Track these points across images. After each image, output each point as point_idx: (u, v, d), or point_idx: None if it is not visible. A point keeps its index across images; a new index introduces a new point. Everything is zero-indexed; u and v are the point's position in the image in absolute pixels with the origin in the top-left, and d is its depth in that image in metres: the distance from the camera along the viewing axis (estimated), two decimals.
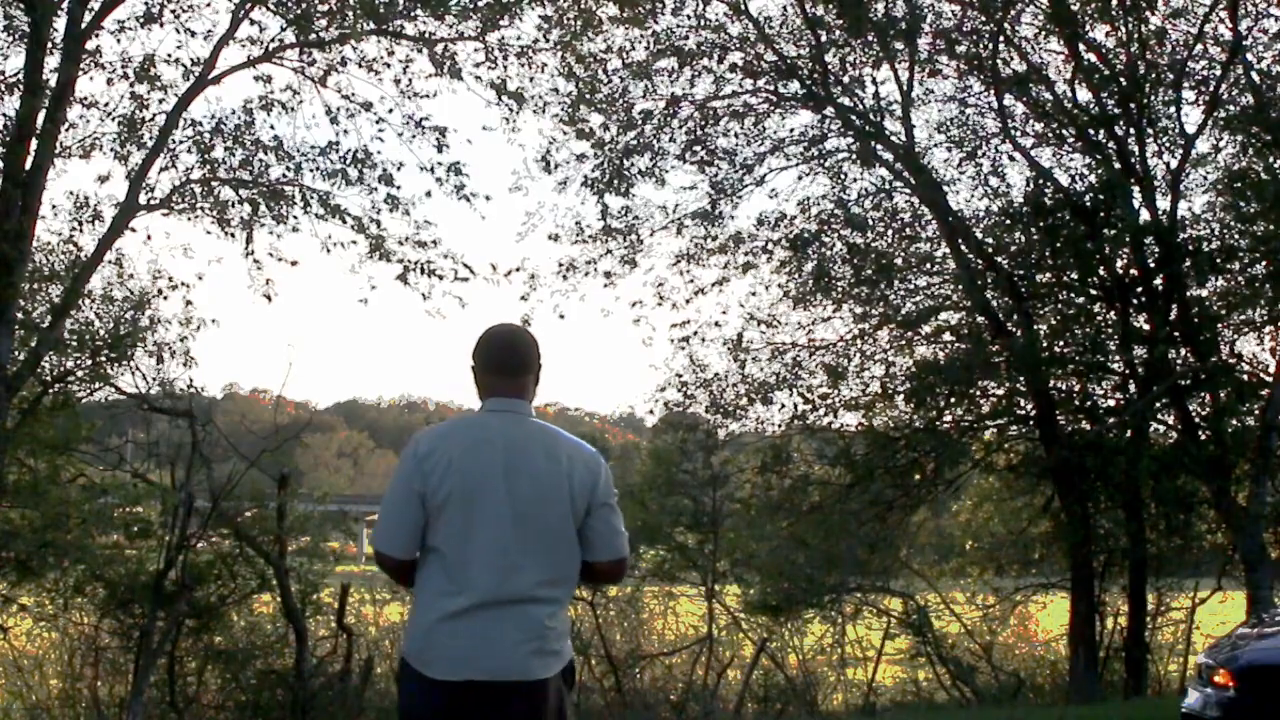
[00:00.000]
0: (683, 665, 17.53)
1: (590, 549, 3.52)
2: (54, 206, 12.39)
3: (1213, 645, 8.06)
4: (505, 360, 3.60)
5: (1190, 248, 14.16)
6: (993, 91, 15.21)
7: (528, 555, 3.41)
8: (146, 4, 11.62)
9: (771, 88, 15.54)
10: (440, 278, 12.43)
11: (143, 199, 11.79)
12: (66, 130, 11.57)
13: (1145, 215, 14.62)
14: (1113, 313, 14.84)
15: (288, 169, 12.36)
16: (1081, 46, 14.71)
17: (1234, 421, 14.26)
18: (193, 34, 12.12)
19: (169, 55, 11.96)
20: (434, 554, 3.44)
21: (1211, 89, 14.58)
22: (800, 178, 16.14)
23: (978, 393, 15.47)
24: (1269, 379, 14.14)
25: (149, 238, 13.02)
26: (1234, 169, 14.64)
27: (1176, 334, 14.17)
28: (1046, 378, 14.66)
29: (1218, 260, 14.02)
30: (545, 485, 3.44)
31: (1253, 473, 13.77)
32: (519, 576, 3.39)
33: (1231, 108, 14.62)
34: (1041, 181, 14.78)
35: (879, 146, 15.36)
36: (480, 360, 3.63)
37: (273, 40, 12.03)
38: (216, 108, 21.67)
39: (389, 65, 12.32)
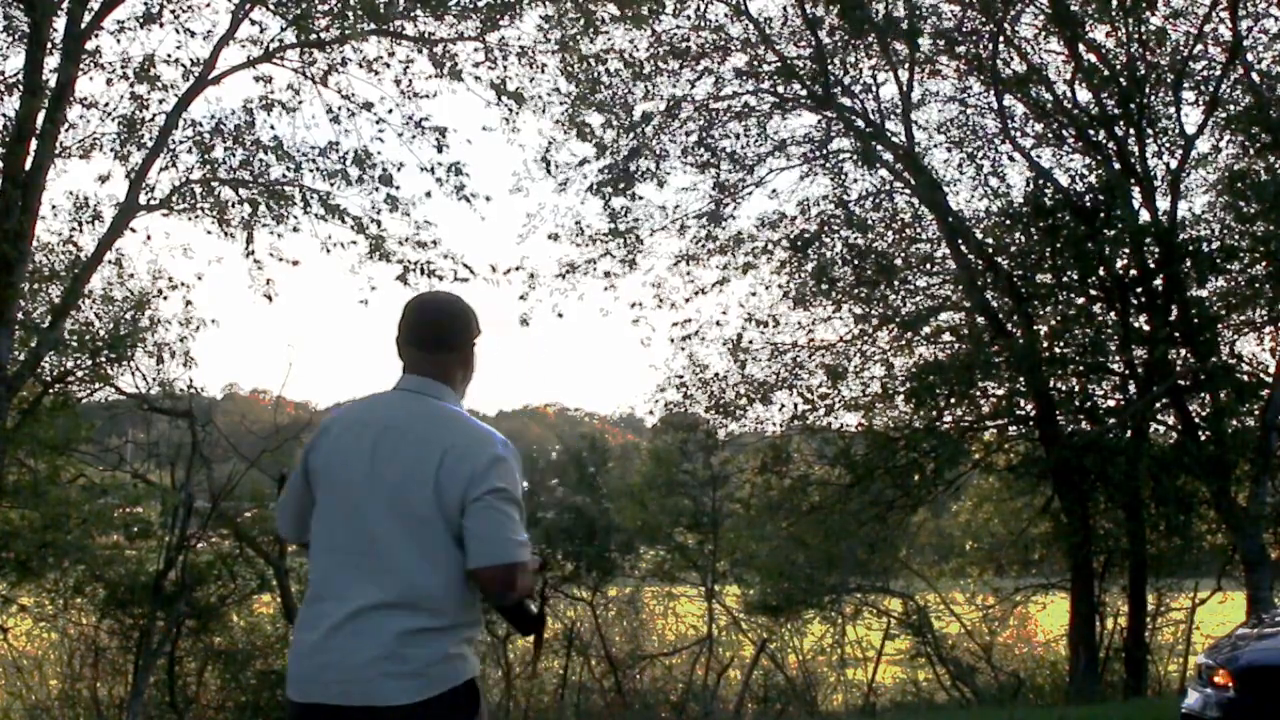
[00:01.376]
0: (682, 665, 17.55)
1: (467, 553, 2.91)
2: (54, 206, 12.42)
3: (1212, 646, 8.06)
4: (423, 334, 3.14)
5: (1190, 248, 14.16)
6: (993, 92, 15.21)
7: (388, 556, 2.91)
8: (146, 4, 11.63)
9: (772, 89, 15.55)
10: (440, 278, 12.43)
11: (143, 199, 11.79)
12: (66, 130, 11.57)
13: (1145, 215, 14.63)
14: (1113, 313, 14.84)
15: (288, 169, 12.37)
16: (1081, 47, 14.71)
17: (1234, 422, 14.25)
18: (192, 34, 12.13)
19: (169, 55, 11.97)
20: (310, 547, 3.10)
21: (1211, 89, 14.58)
22: (801, 178, 16.17)
23: (978, 393, 15.46)
24: (1269, 379, 14.14)
25: (149, 238, 13.04)
26: (1234, 169, 14.63)
27: (1176, 334, 14.17)
28: (1046, 378, 14.65)
29: (1218, 260, 14.02)
30: (411, 476, 2.93)
31: (1253, 473, 13.78)
32: (374, 580, 2.89)
33: (1232, 108, 14.62)
34: (1041, 182, 14.78)
35: (879, 147, 15.36)
36: (400, 331, 3.18)
37: (273, 40, 12.03)
38: (216, 108, 21.74)
39: (389, 65, 12.33)
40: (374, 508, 2.93)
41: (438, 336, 3.14)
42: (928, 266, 16.05)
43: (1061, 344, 14.78)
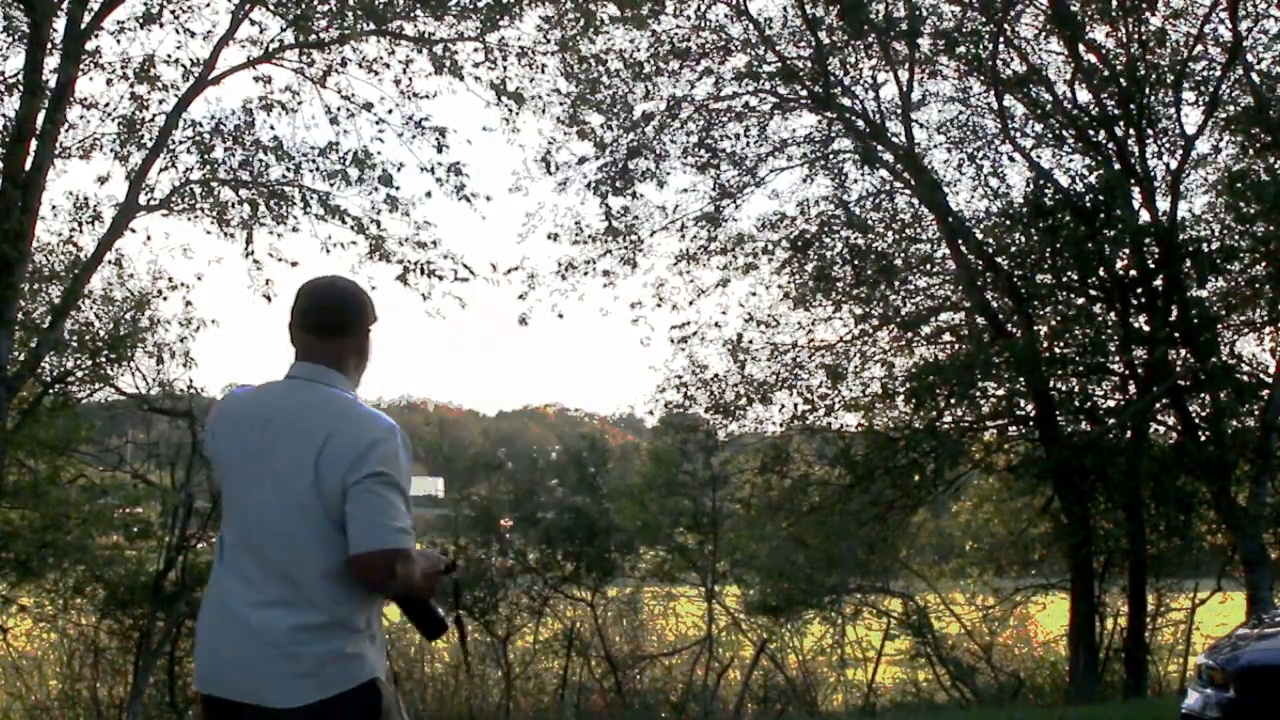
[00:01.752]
0: (682, 666, 17.55)
1: (347, 539, 2.81)
2: (54, 207, 12.41)
3: (1212, 646, 8.05)
4: (317, 318, 3.03)
5: (1190, 248, 14.16)
6: (993, 92, 15.21)
7: (275, 549, 2.83)
8: (146, 4, 11.62)
9: (772, 89, 15.55)
10: (440, 278, 12.42)
11: (142, 199, 11.79)
12: (66, 130, 11.57)
13: (1145, 216, 14.64)
14: (1113, 313, 14.83)
15: (287, 169, 12.36)
16: (1081, 47, 14.71)
17: (1234, 422, 14.26)
18: (192, 34, 12.12)
19: (169, 56, 11.97)
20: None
21: (1211, 90, 14.57)
22: (802, 179, 16.17)
23: (978, 393, 15.45)
24: (1269, 380, 14.14)
25: (149, 238, 13.03)
26: (1234, 170, 14.64)
27: (1176, 334, 14.17)
28: (1046, 378, 14.66)
29: (1218, 261, 14.01)
30: (294, 465, 2.84)
31: (1252, 473, 13.78)
32: (264, 574, 2.83)
33: (1231, 108, 14.62)
34: (1041, 182, 14.78)
35: (879, 147, 15.37)
36: (293, 316, 3.07)
37: (272, 41, 12.03)
38: (216, 108, 21.70)
39: (389, 66, 12.32)
40: (262, 499, 2.86)
41: (331, 321, 3.03)
42: (928, 266, 16.06)
43: (1061, 344, 14.77)
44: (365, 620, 2.88)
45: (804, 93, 15.40)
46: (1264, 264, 14.17)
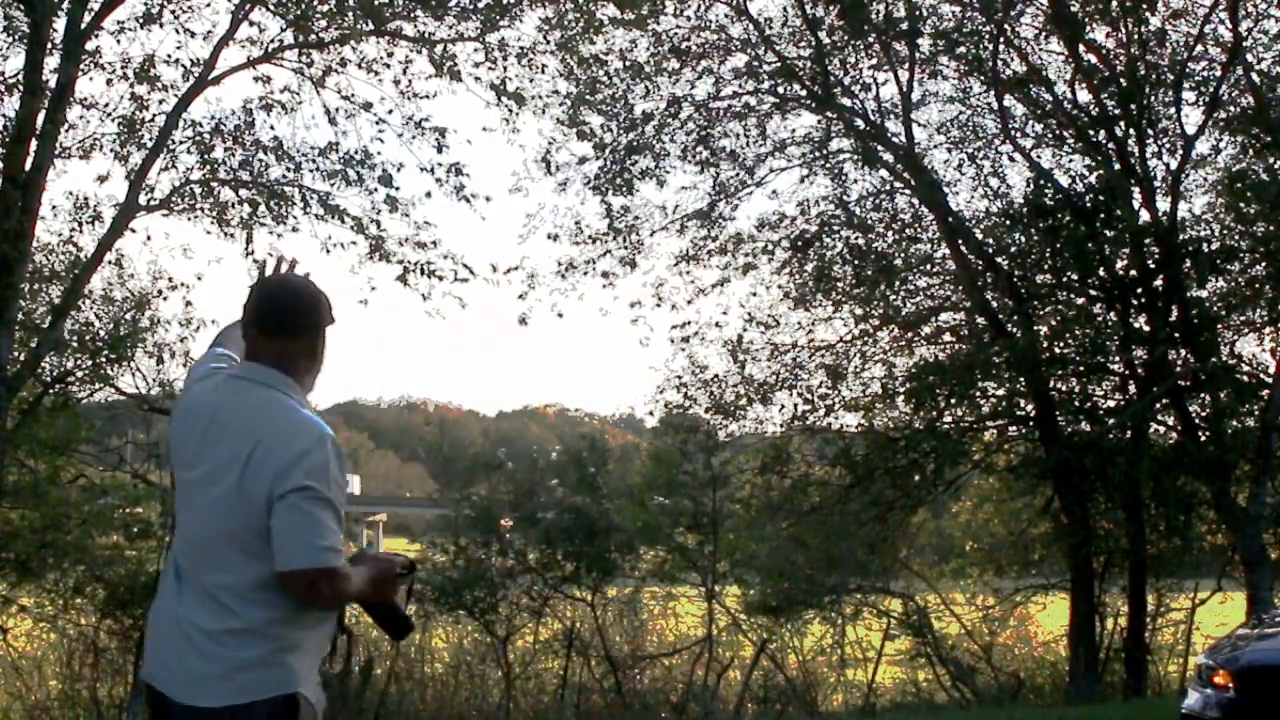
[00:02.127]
0: (682, 666, 17.54)
1: (275, 555, 2.77)
2: (54, 207, 12.43)
3: (1212, 646, 8.06)
4: (268, 317, 2.96)
5: (1190, 248, 14.16)
6: (993, 92, 15.21)
7: (205, 552, 2.82)
8: (146, 4, 11.63)
9: (772, 89, 15.55)
10: (440, 278, 12.44)
11: (142, 199, 11.80)
12: (66, 131, 11.58)
13: (1145, 216, 14.63)
14: (1113, 313, 14.84)
15: (287, 169, 12.39)
16: (1081, 47, 14.71)
17: (1234, 422, 14.26)
18: (192, 35, 12.15)
19: (169, 56, 11.99)
20: None
21: (1211, 90, 14.58)
22: (802, 179, 16.17)
23: (978, 393, 15.46)
24: (1269, 380, 14.14)
25: (149, 238, 13.04)
26: (1234, 170, 14.64)
27: (1176, 335, 14.17)
28: (1046, 378, 14.66)
29: (1218, 261, 14.02)
30: (224, 469, 2.81)
31: (1253, 473, 13.77)
32: (194, 574, 2.83)
33: (1231, 109, 14.62)
34: (1041, 182, 14.78)
35: (879, 147, 15.37)
36: (245, 313, 3.02)
37: (272, 41, 12.04)
38: (216, 108, 21.71)
39: (388, 66, 12.34)
40: (196, 500, 2.86)
41: (282, 320, 2.95)
42: (928, 266, 16.06)
43: (1061, 344, 14.78)
44: (293, 631, 2.81)
45: (804, 92, 15.40)
46: (1264, 264, 14.16)
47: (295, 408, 2.90)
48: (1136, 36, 14.64)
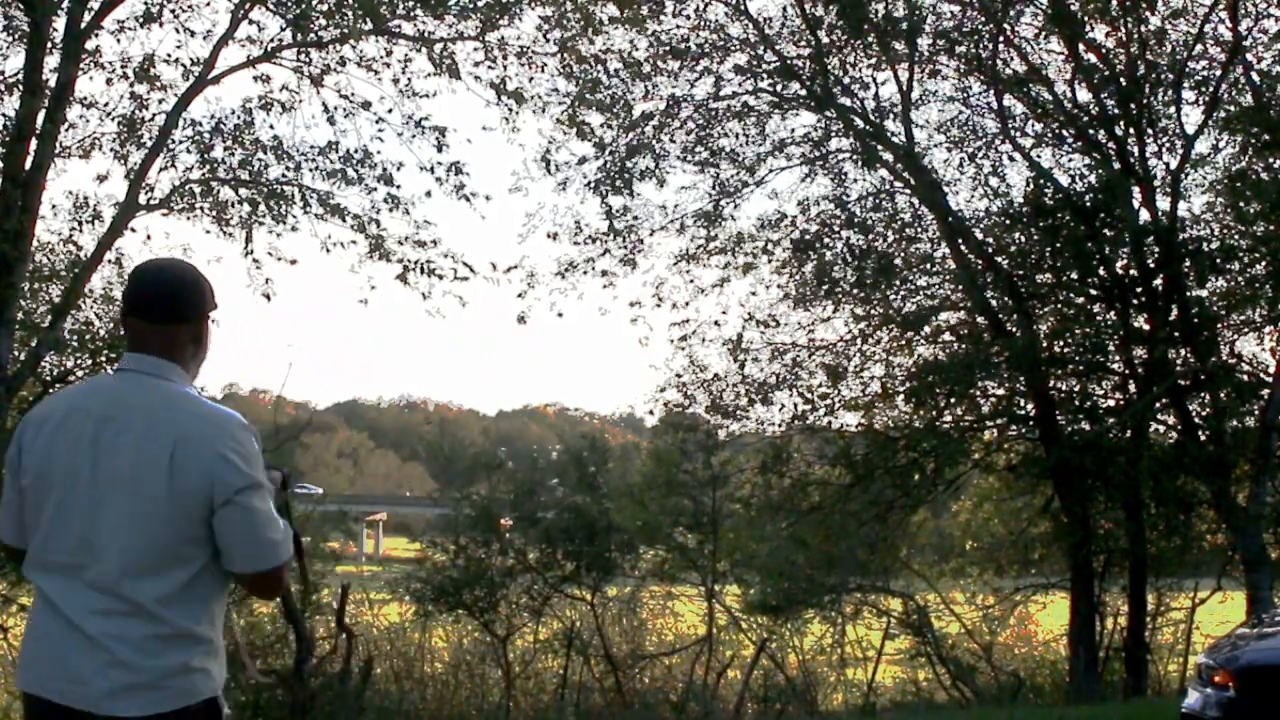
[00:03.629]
0: (682, 665, 17.54)
1: (226, 557, 2.73)
2: (54, 206, 12.42)
3: (1212, 645, 8.06)
4: (151, 302, 2.80)
5: (1190, 248, 14.16)
6: (992, 92, 15.21)
7: (116, 560, 2.66)
8: (146, 4, 11.63)
9: (772, 88, 15.55)
10: (440, 277, 12.44)
11: (142, 199, 11.79)
12: (66, 130, 11.58)
13: (1145, 215, 14.64)
14: (1113, 313, 14.84)
15: (287, 169, 12.38)
16: (1081, 47, 14.71)
17: (1234, 422, 14.26)
18: (192, 34, 12.14)
19: (169, 55, 11.98)
20: (31, 547, 2.81)
21: (1211, 89, 14.58)
22: (802, 179, 16.18)
23: (978, 393, 15.47)
24: (1269, 379, 14.14)
25: (149, 238, 13.02)
26: (1234, 169, 14.64)
27: (1176, 334, 14.17)
28: (1046, 378, 14.66)
29: (1218, 260, 14.02)
30: (138, 472, 2.67)
31: (1253, 473, 13.78)
32: (103, 585, 2.66)
33: (1231, 108, 14.62)
34: (1041, 182, 14.79)
35: (879, 147, 15.36)
36: (125, 301, 2.85)
37: (272, 40, 12.04)
38: (216, 108, 21.69)
39: (388, 65, 12.34)
40: (100, 509, 2.68)
41: (167, 306, 2.80)
42: (928, 266, 16.06)
43: (1061, 344, 14.78)
44: (209, 632, 2.76)
45: (803, 92, 15.40)
46: (1264, 263, 14.16)
47: (199, 399, 2.81)
48: (1136, 36, 14.64)
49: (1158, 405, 14.58)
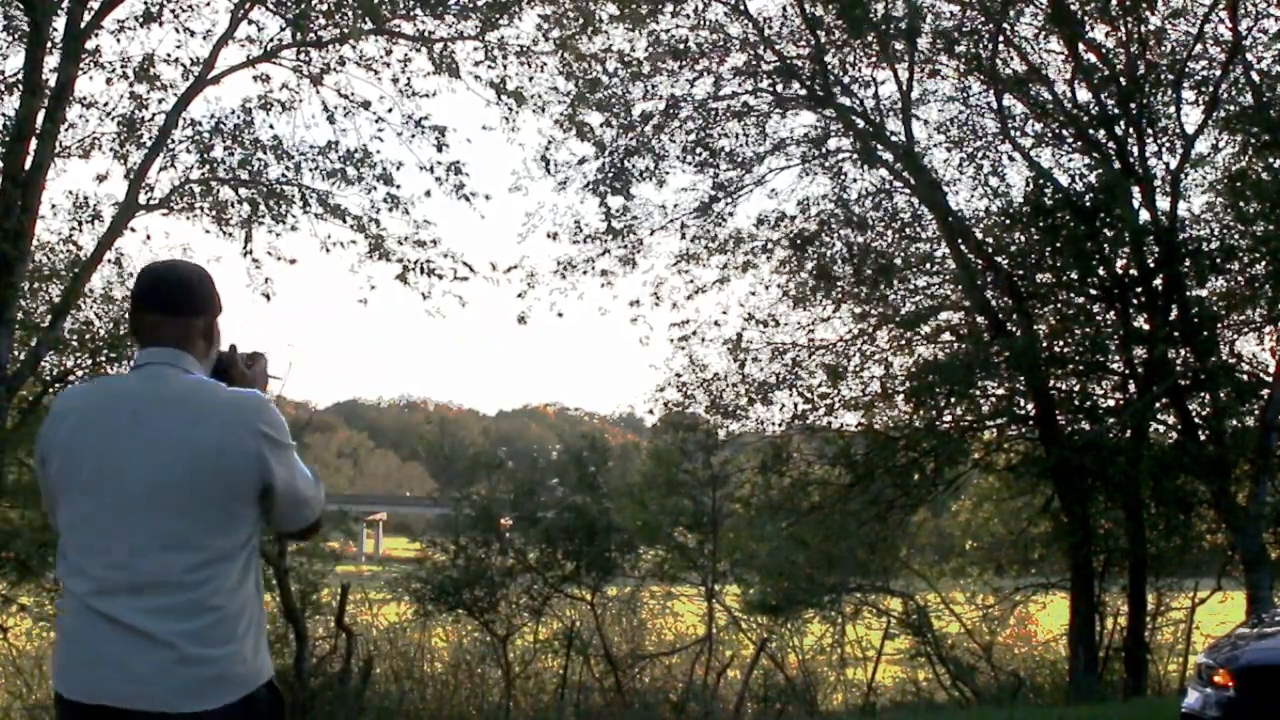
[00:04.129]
0: (682, 665, 17.54)
1: (275, 522, 2.84)
2: (54, 206, 12.43)
3: (1212, 645, 8.05)
4: (166, 296, 2.84)
5: (1190, 248, 14.17)
6: (992, 92, 15.21)
7: (165, 553, 2.66)
8: (146, 4, 11.64)
9: (771, 88, 15.55)
10: (440, 277, 12.45)
11: (142, 199, 11.80)
12: (66, 130, 11.59)
13: (1145, 215, 14.64)
14: (1113, 313, 14.84)
15: (287, 168, 12.39)
16: (1081, 46, 14.71)
17: (1234, 421, 14.26)
18: (192, 34, 12.16)
19: (168, 55, 11.99)
20: (60, 545, 2.79)
21: (1211, 89, 14.58)
22: (800, 177, 16.20)
23: (978, 393, 15.46)
24: (1269, 379, 14.14)
25: (149, 237, 13.03)
26: (1234, 169, 14.64)
27: (1176, 334, 14.17)
28: (1046, 378, 14.66)
29: (1218, 260, 14.02)
30: (184, 463, 2.68)
31: (1253, 473, 13.77)
32: (146, 579, 2.64)
33: (1231, 108, 14.62)
34: (1041, 182, 14.78)
35: (879, 147, 15.36)
36: (136, 299, 2.88)
37: (272, 40, 12.05)
38: (215, 107, 21.67)
39: (388, 64, 12.35)
40: (148, 506, 2.67)
41: (180, 299, 2.85)
42: (928, 266, 16.06)
43: (1061, 343, 14.78)
44: (259, 615, 2.79)
45: (803, 91, 15.40)
46: (1264, 263, 14.16)
47: (220, 385, 2.84)
48: (1136, 35, 14.65)
49: (1158, 405, 14.58)
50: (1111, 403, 15.31)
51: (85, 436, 2.75)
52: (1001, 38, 14.78)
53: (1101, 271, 14.62)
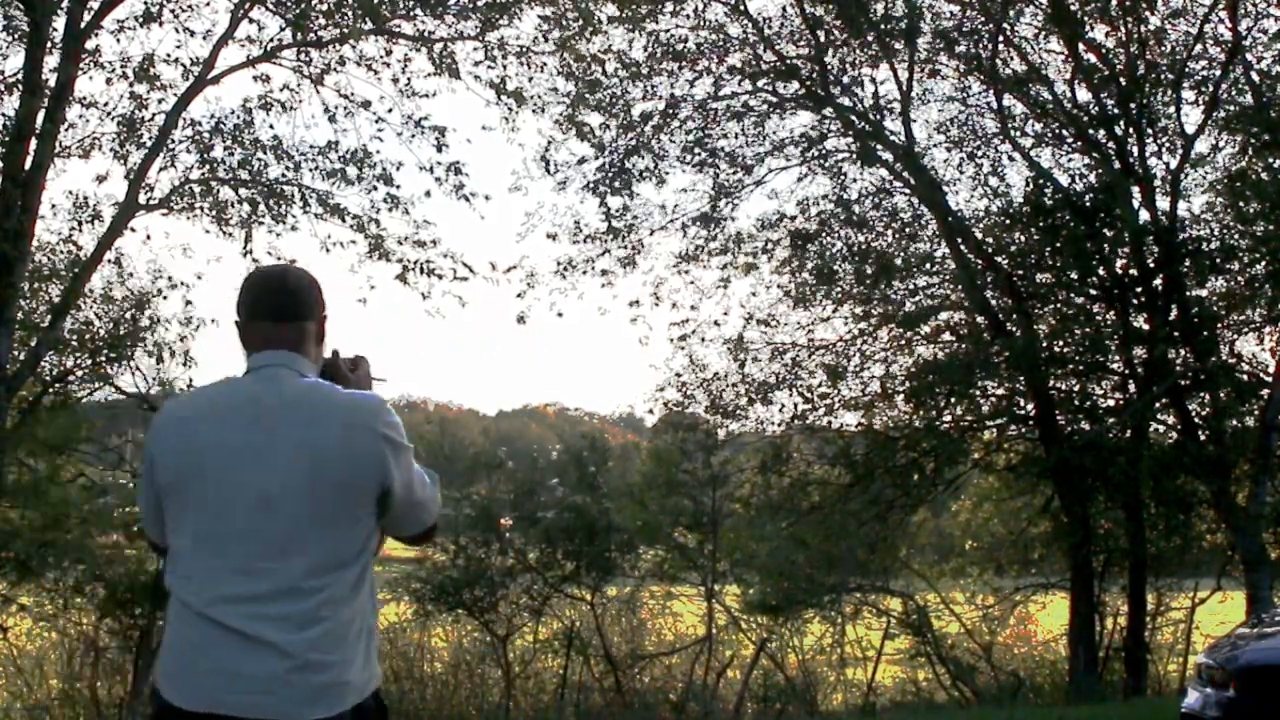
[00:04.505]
0: (682, 665, 17.55)
1: (394, 526, 2.81)
2: (54, 206, 12.43)
3: (1212, 645, 8.05)
4: (277, 303, 2.79)
5: (1190, 248, 14.16)
6: (992, 91, 15.21)
7: (272, 558, 2.60)
8: (146, 4, 11.63)
9: (771, 88, 15.54)
10: (440, 277, 12.44)
11: (142, 199, 11.80)
12: (66, 130, 11.58)
13: (1145, 215, 14.64)
14: (1113, 313, 14.84)
15: (287, 168, 12.38)
16: (1081, 46, 14.71)
17: (1234, 421, 14.25)
18: (192, 34, 12.17)
19: (168, 55, 11.99)
20: (171, 551, 2.72)
21: (1211, 89, 14.57)
22: (800, 178, 16.18)
23: (978, 393, 15.46)
24: (1269, 379, 14.14)
25: (148, 237, 13.06)
26: (1233, 169, 14.64)
27: (1176, 334, 14.17)
28: (1046, 377, 14.65)
29: (1217, 260, 14.03)
30: (310, 467, 2.63)
31: (1252, 473, 13.77)
32: (268, 585, 2.60)
33: (1231, 108, 14.61)
34: (1041, 181, 14.78)
35: (878, 147, 15.36)
36: (243, 307, 2.82)
37: (272, 40, 12.04)
38: (215, 107, 21.68)
39: (388, 65, 12.34)
40: (275, 510, 2.62)
41: (292, 307, 2.80)
42: (928, 266, 16.05)
43: (1061, 343, 14.78)
44: (374, 621, 2.78)
45: (802, 91, 15.39)
46: (1264, 264, 14.16)
47: (337, 387, 2.81)
48: (1136, 35, 14.64)
49: (1158, 405, 14.58)
50: (1111, 403, 15.31)
51: (201, 441, 2.68)
52: (1001, 38, 14.78)
53: (1101, 271, 14.62)
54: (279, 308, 2.80)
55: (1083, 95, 15.13)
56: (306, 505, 2.63)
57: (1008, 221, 15.25)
